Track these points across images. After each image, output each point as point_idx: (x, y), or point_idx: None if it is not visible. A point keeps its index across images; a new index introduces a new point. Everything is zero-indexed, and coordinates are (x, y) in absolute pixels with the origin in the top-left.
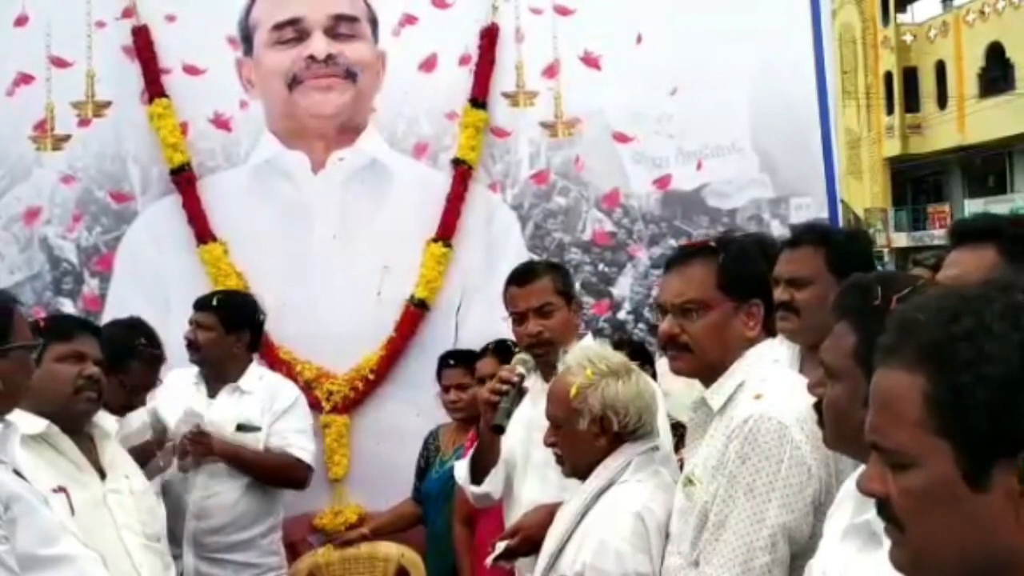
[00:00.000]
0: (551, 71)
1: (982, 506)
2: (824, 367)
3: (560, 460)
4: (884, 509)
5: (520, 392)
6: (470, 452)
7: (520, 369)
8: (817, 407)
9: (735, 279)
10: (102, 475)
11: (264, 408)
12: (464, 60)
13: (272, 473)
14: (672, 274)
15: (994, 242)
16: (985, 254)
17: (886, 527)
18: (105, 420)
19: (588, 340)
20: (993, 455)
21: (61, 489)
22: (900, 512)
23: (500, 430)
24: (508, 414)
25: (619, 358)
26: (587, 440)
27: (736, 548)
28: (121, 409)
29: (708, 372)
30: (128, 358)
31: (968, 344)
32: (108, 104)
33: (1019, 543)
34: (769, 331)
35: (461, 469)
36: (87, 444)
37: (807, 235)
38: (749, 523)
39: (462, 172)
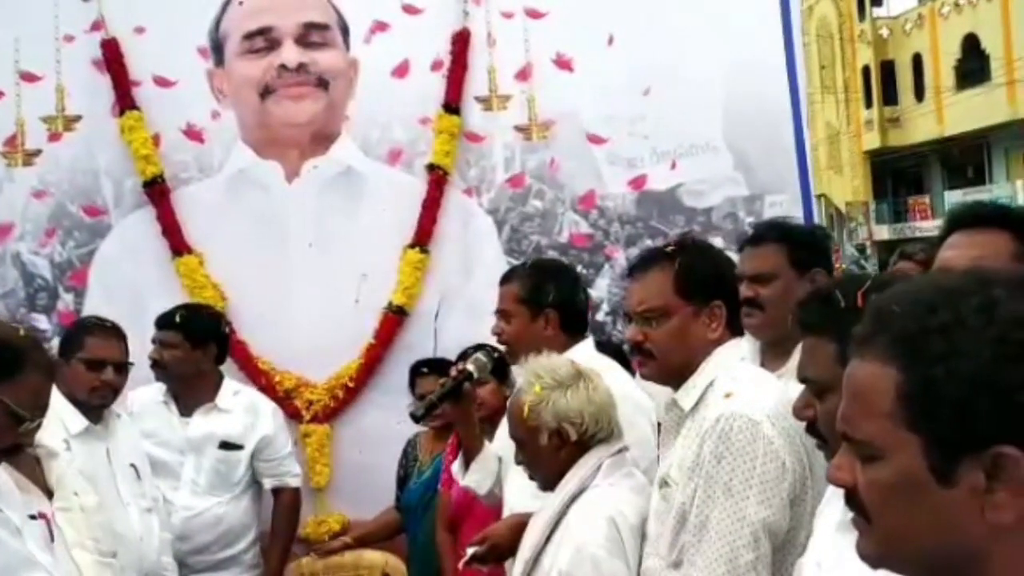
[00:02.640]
0: (523, 74)
1: (948, 501)
2: (809, 386)
3: (532, 476)
4: (852, 499)
5: (459, 387)
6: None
7: (469, 367)
8: (810, 430)
9: (691, 284)
10: (49, 495)
11: (246, 426)
12: (436, 65)
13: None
14: (634, 282)
15: (1009, 229)
16: (1001, 239)
17: (853, 518)
18: (52, 440)
19: (584, 346)
20: (960, 450)
21: (41, 515)
22: (867, 503)
23: (413, 417)
24: (430, 405)
25: (567, 368)
26: (550, 454)
27: (720, 548)
28: (90, 392)
29: (674, 376)
30: (81, 336)
31: (942, 337)
32: (79, 118)
33: (982, 539)
34: (734, 330)
35: (457, 464)
36: (32, 465)
37: (769, 232)
38: (730, 522)
39: (437, 178)
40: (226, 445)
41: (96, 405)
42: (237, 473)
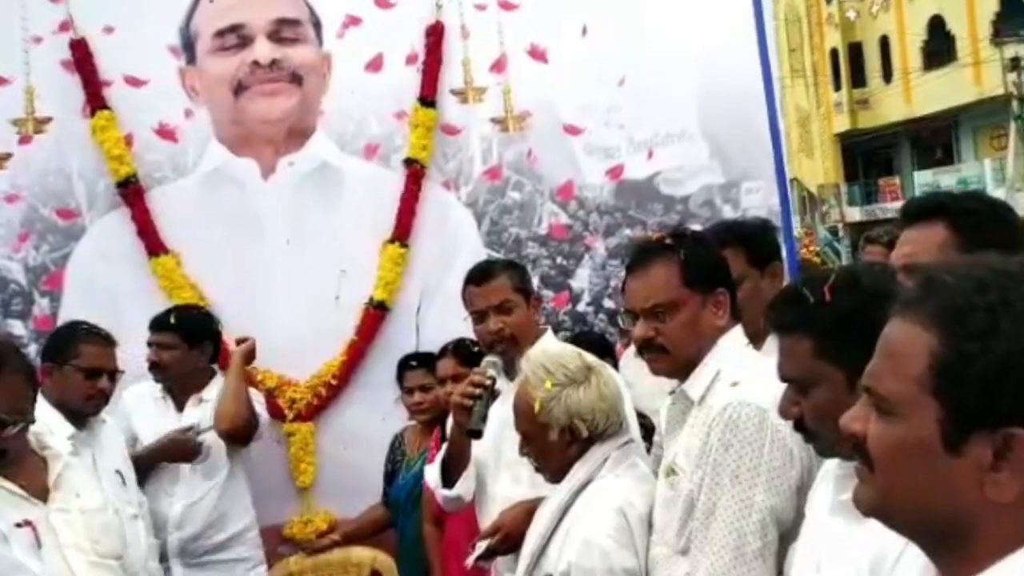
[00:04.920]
0: (498, 66)
1: (952, 469)
2: (791, 384)
3: (538, 469)
4: (859, 448)
5: (492, 394)
6: (439, 455)
7: (491, 371)
8: (798, 427)
9: (698, 273)
10: (46, 496)
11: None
12: (411, 59)
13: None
14: (635, 278)
15: (943, 218)
16: (935, 231)
17: (857, 466)
18: (57, 442)
19: (549, 336)
20: (975, 424)
21: (27, 523)
22: (874, 455)
23: (478, 435)
24: (484, 418)
25: (576, 362)
26: (559, 449)
27: (727, 535)
28: (85, 400)
29: (686, 369)
30: (75, 343)
31: (986, 315)
32: (49, 120)
33: (976, 511)
34: (736, 316)
35: (432, 473)
36: (35, 468)
37: (726, 237)
38: (738, 509)
39: (414, 171)
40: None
41: (89, 412)
42: (223, 454)
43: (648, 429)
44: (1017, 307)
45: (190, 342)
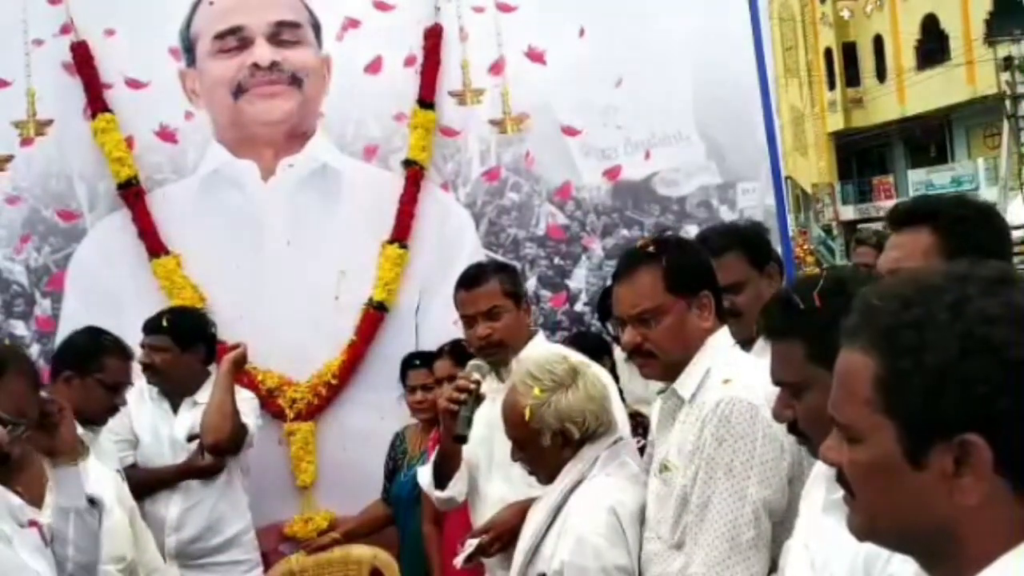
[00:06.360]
0: (496, 68)
1: (919, 482)
2: (784, 388)
3: (532, 473)
4: (841, 477)
5: (478, 398)
6: (432, 457)
7: (476, 375)
8: (792, 429)
9: (681, 278)
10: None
11: None
12: (409, 61)
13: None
14: (621, 286)
15: (929, 223)
16: (921, 236)
17: (844, 495)
18: None
19: (539, 339)
20: (931, 436)
21: (33, 524)
22: (850, 481)
23: (463, 440)
24: (468, 422)
25: (562, 366)
26: (553, 453)
27: (722, 526)
28: (106, 412)
29: (676, 371)
30: (101, 356)
31: (913, 332)
32: (50, 122)
33: (951, 518)
34: (721, 317)
35: (425, 475)
36: (37, 471)
37: (727, 241)
38: (732, 501)
39: (413, 173)
40: (193, 438)
41: (103, 423)
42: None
43: (647, 428)
44: (940, 318)
45: (183, 345)
